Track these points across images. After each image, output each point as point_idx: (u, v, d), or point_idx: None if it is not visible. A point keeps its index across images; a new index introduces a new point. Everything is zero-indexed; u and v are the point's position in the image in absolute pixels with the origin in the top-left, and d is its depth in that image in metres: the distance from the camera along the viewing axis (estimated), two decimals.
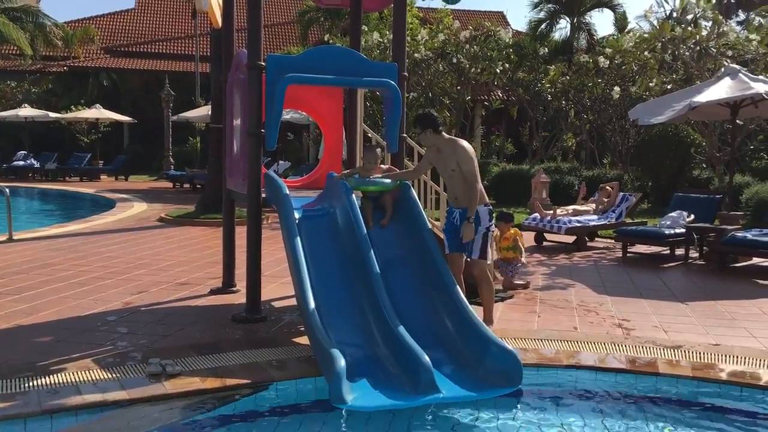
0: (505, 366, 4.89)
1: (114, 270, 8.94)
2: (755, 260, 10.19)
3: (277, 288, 7.85)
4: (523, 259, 8.51)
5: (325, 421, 4.52)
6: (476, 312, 5.47)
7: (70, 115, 29.76)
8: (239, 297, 7.45)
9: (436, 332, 5.40)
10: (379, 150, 6.51)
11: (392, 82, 6.48)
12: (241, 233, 7.96)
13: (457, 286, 5.60)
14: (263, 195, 6.50)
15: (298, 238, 5.70)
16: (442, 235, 6.36)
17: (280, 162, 22.37)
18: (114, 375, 4.85)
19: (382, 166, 6.52)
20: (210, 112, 16.84)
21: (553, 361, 5.38)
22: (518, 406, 4.71)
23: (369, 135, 8.62)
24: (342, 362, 4.59)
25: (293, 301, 7.13)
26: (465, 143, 5.95)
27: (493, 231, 6.18)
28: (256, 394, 4.73)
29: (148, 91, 32.80)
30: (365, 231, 5.74)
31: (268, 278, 6.75)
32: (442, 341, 5.31)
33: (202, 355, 5.32)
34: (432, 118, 6.00)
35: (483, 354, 5.06)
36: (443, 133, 6.04)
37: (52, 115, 29.82)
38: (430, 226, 6.17)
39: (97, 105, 29.55)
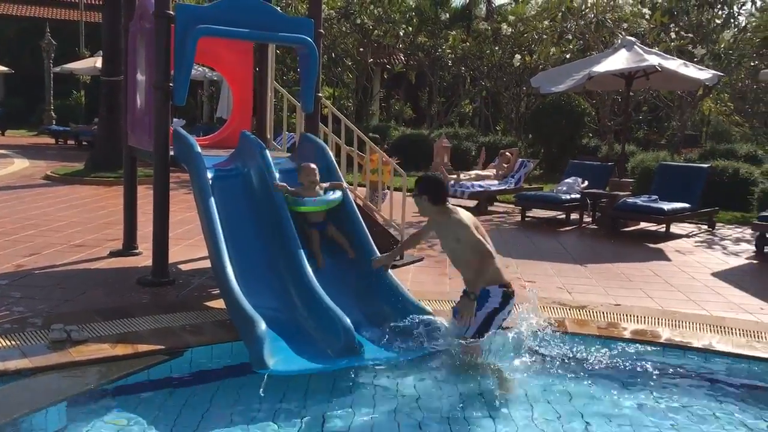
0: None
1: (0, 230, 8.31)
2: (643, 225, 10.81)
3: (182, 250, 7.56)
4: (386, 190, 8.45)
5: (244, 386, 4.40)
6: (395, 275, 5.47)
7: None
8: (142, 259, 7.12)
9: (357, 295, 5.36)
10: (314, 166, 5.68)
11: (308, 38, 6.29)
12: (141, 193, 7.60)
13: (375, 248, 5.57)
14: (171, 153, 6.18)
15: (212, 199, 5.47)
16: (360, 201, 6.26)
17: (174, 120, 21.45)
18: (13, 342, 4.52)
19: (323, 184, 5.71)
20: (101, 64, 15.84)
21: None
22: (437, 366, 4.77)
23: (280, 93, 8.38)
24: (262, 326, 4.48)
25: (202, 264, 6.90)
26: (458, 213, 4.81)
27: (505, 318, 4.74)
28: (170, 361, 4.53)
29: (25, 39, 30.46)
30: (282, 193, 5.58)
31: (172, 240, 6.46)
32: (363, 304, 5.28)
33: (109, 321, 5.04)
34: (434, 185, 4.82)
35: (401, 315, 5.08)
36: (443, 203, 4.82)
37: None
38: (350, 194, 6.08)
39: None
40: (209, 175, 5.70)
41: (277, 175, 5.67)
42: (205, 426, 3.81)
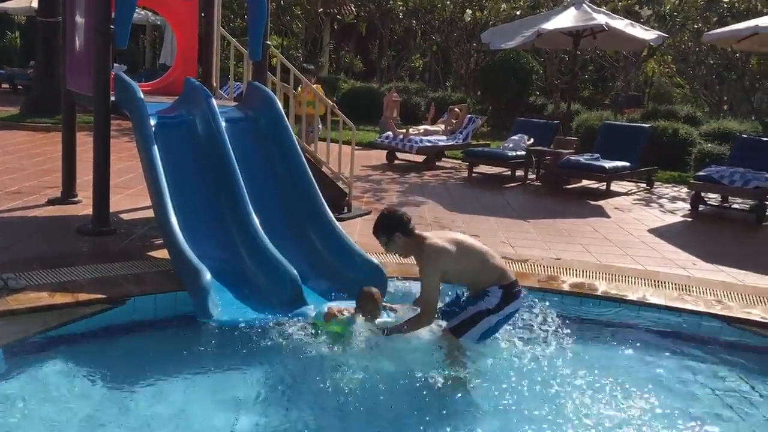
0: (371, 278, 4.98)
1: None
2: (585, 182, 11.05)
3: (124, 199, 7.39)
4: (320, 126, 8.27)
5: (188, 336, 4.38)
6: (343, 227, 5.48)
7: None
8: (82, 208, 6.95)
9: (303, 246, 5.36)
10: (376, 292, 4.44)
11: None
12: (80, 140, 7.37)
13: (323, 201, 5.55)
14: (112, 98, 5.99)
15: (155, 146, 5.34)
16: (309, 154, 6.17)
17: (115, 65, 20.72)
18: None
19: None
20: (37, 4, 15.10)
21: (414, 275, 5.53)
22: (383, 316, 4.83)
23: (226, 40, 8.16)
24: (207, 276, 4.45)
25: (144, 214, 6.78)
26: (434, 241, 4.18)
27: (502, 322, 4.26)
28: (112, 310, 4.47)
29: None
30: (228, 142, 5.49)
31: (113, 189, 6.30)
32: (310, 255, 5.29)
33: (48, 269, 4.92)
34: (395, 218, 4.21)
35: (349, 267, 5.13)
36: (414, 232, 4.25)
37: None
38: (299, 146, 6.02)
39: None
40: (152, 122, 5.55)
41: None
42: (148, 376, 3.79)
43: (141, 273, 5.05)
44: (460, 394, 3.72)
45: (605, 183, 10.46)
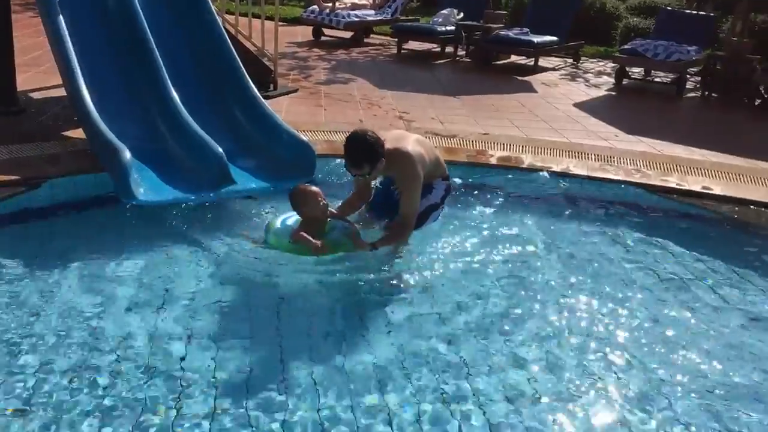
0: (299, 156, 4.90)
1: None
2: (513, 58, 11.02)
3: (32, 78, 6.94)
4: None
5: (110, 217, 4.26)
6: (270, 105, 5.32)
7: None
8: None
9: (228, 124, 5.18)
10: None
11: None
12: None
13: (247, 77, 5.34)
14: None
15: (61, 17, 4.95)
16: (231, 28, 5.82)
17: None
18: None
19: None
20: None
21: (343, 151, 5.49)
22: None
23: None
24: (128, 155, 4.26)
25: (55, 92, 6.40)
26: (406, 151, 3.75)
27: (438, 216, 4.14)
28: (28, 192, 4.29)
29: None
30: (140, 12, 5.14)
31: (20, 67, 5.90)
32: (235, 133, 5.13)
33: None
34: (375, 143, 3.63)
35: (276, 145, 5.01)
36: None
37: None
38: (220, 20, 5.69)
39: None
40: None
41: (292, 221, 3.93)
42: (71, 257, 3.69)
43: (57, 153, 4.85)
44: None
45: (533, 58, 10.44)
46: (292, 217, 3.92)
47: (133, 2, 5.17)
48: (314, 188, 3.86)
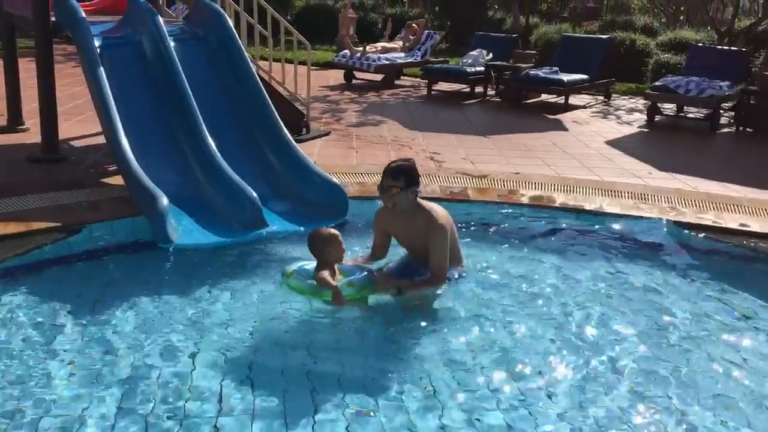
0: (331, 199, 4.98)
1: None
2: (544, 97, 11.05)
3: (73, 126, 7.16)
4: None
5: (149, 261, 4.34)
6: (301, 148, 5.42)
7: None
8: (30, 136, 6.73)
9: (261, 168, 5.29)
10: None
11: None
12: (24, 66, 7.06)
13: (280, 122, 5.45)
14: (53, 19, 5.70)
15: (102, 69, 5.14)
16: (264, 75, 5.93)
17: None
18: None
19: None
20: None
21: (375, 194, 5.52)
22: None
23: None
24: (164, 200, 4.38)
25: (95, 140, 6.59)
26: (438, 214, 3.84)
27: None
28: (68, 238, 4.39)
29: None
30: (178, 62, 5.30)
31: (62, 116, 6.10)
32: (268, 177, 5.23)
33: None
34: (416, 174, 3.84)
35: (309, 188, 5.09)
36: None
37: None
38: (253, 66, 5.84)
39: None
40: (97, 43, 5.32)
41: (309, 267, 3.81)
42: (108, 300, 3.75)
43: (96, 200, 4.95)
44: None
45: (564, 96, 10.46)
46: (309, 264, 3.86)
47: (169, 50, 5.34)
48: (336, 231, 3.87)
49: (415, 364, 3.26)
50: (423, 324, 3.62)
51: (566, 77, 10.23)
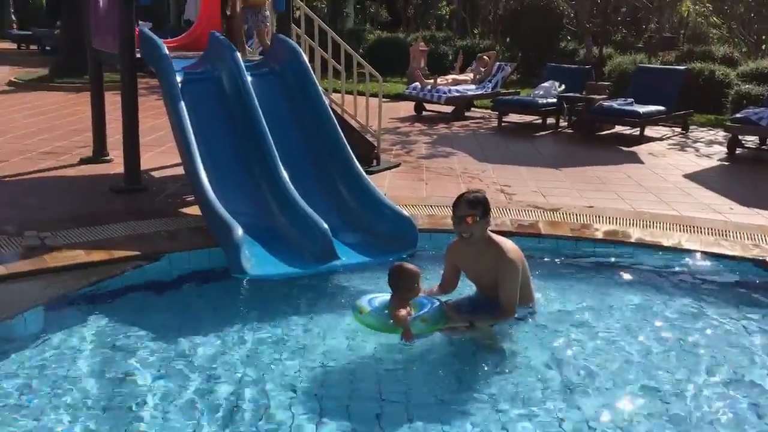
0: (401, 231, 4.98)
1: None
2: (618, 128, 10.83)
3: (154, 157, 7.44)
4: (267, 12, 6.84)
5: (224, 290, 4.44)
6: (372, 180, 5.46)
7: None
8: (114, 167, 7.02)
9: (333, 200, 5.35)
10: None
11: None
12: (109, 99, 7.41)
13: (352, 154, 5.52)
14: (138, 55, 5.97)
15: (183, 103, 5.34)
16: (337, 108, 6.06)
17: (140, 22, 20.66)
18: None
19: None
20: None
21: (445, 226, 5.51)
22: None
23: None
24: (239, 231, 4.47)
25: (174, 171, 6.83)
26: (509, 248, 3.84)
27: None
28: (147, 266, 4.54)
29: None
30: (254, 97, 5.46)
31: (143, 147, 6.35)
32: (340, 209, 5.28)
33: (83, 227, 4.99)
34: (489, 205, 3.85)
35: (379, 220, 5.11)
36: None
37: None
38: (326, 99, 5.96)
39: None
40: (179, 78, 5.54)
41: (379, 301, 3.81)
42: (184, 330, 3.85)
43: (174, 229, 5.11)
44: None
45: (639, 128, 10.23)
46: (380, 297, 3.85)
47: (247, 85, 5.51)
48: (418, 268, 3.83)
49: (487, 405, 3.19)
50: (493, 361, 3.56)
51: (642, 109, 10.01)
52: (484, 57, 13.46)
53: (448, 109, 12.04)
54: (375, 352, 3.66)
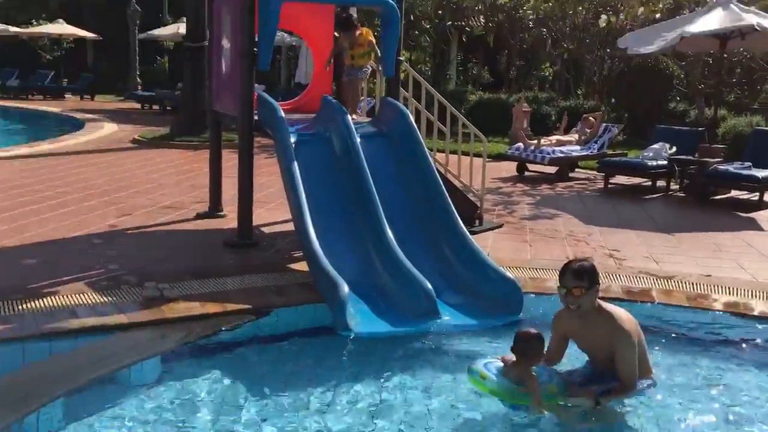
0: (506, 294, 4.92)
1: (94, 192, 8.70)
2: (734, 193, 10.33)
3: (265, 213, 7.72)
4: (375, 64, 6.94)
5: (328, 347, 4.49)
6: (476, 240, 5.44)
7: (31, 29, 28.45)
8: (228, 222, 7.32)
9: (436, 259, 5.37)
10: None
11: (390, 0, 6.23)
12: (224, 156, 7.79)
13: (456, 214, 5.54)
14: (255, 117, 6.28)
15: (296, 162, 5.55)
16: (441, 168, 6.09)
17: (256, 85, 21.75)
18: (109, 299, 4.74)
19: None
20: (184, 31, 16.16)
21: (551, 290, 5.39)
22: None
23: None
24: (345, 289, 4.55)
25: (284, 227, 7.04)
26: (628, 314, 3.77)
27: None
28: (258, 320, 4.67)
29: (112, 6, 31.40)
30: (363, 157, 5.61)
31: (255, 203, 6.60)
32: (443, 269, 5.28)
33: (198, 280, 5.22)
34: (595, 268, 3.71)
35: (483, 282, 5.08)
36: None
37: (12, 29, 28.45)
38: (430, 157, 6.05)
39: (60, 20, 28.28)
40: (292, 139, 5.78)
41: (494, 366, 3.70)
42: (290, 384, 3.93)
43: (283, 284, 5.24)
44: None
45: (758, 193, 9.71)
46: (494, 362, 3.74)
47: (356, 146, 5.66)
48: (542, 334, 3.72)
49: None
50: None
51: (761, 173, 9.52)
52: (590, 118, 13.27)
53: (552, 169, 11.89)
54: (483, 416, 3.58)
